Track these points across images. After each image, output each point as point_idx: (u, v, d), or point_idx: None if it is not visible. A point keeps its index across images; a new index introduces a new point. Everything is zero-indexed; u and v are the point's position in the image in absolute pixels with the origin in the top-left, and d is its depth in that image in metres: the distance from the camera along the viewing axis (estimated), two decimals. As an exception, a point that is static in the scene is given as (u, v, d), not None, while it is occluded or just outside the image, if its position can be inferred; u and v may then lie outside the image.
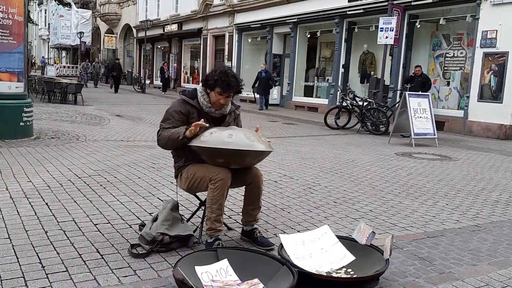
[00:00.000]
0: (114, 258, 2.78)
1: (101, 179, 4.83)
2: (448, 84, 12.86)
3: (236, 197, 4.19)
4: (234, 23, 20.69)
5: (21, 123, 7.10)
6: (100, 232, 3.23)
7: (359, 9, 14.18)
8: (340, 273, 2.62)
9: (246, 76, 20.38)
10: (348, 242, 2.87)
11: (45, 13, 48.51)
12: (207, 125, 2.89)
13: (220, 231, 2.95)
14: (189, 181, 3.02)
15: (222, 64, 3.24)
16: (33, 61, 44.84)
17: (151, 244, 2.87)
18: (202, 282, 2.31)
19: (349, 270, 2.64)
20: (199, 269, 2.39)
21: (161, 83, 25.13)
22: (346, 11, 14.71)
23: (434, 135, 9.23)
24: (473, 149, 8.92)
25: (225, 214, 3.20)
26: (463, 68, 12.42)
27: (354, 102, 11.59)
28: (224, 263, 2.49)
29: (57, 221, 3.40)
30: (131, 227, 3.37)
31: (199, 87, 3.11)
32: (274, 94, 18.44)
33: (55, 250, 2.85)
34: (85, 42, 34.57)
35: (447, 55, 12.81)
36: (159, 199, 4.17)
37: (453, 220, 4.00)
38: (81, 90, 15.08)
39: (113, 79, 23.64)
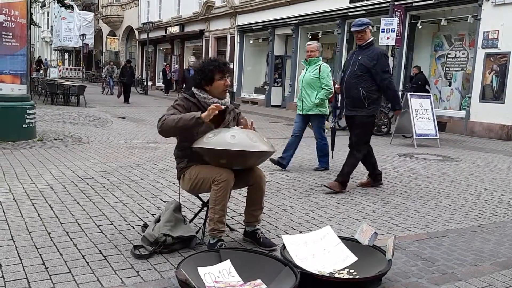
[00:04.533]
0: (117, 259, 2.78)
1: (104, 180, 4.84)
2: (450, 84, 12.85)
3: (238, 198, 4.19)
4: (236, 24, 20.72)
5: (24, 125, 7.12)
6: (103, 233, 3.24)
7: (361, 10, 14.19)
8: (342, 273, 2.62)
9: (248, 78, 20.55)
10: (350, 242, 2.88)
11: (48, 15, 48.68)
12: (223, 107, 2.97)
13: (223, 232, 2.95)
14: (192, 182, 3.03)
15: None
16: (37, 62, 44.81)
17: (154, 245, 2.88)
18: (204, 283, 2.32)
19: (352, 270, 2.64)
20: (201, 270, 2.39)
21: (163, 85, 25.22)
22: (347, 12, 14.73)
23: (436, 135, 9.23)
24: (475, 149, 8.91)
25: (227, 215, 3.21)
26: (464, 69, 12.41)
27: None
28: (227, 264, 2.49)
29: (60, 222, 3.41)
30: (133, 228, 3.38)
31: (194, 89, 3.16)
32: None
33: (58, 251, 2.86)
34: (88, 44, 34.75)
35: (449, 55, 12.80)
36: (162, 200, 4.18)
37: (456, 220, 4.00)
38: (83, 92, 15.13)
39: (123, 86, 18.18)
